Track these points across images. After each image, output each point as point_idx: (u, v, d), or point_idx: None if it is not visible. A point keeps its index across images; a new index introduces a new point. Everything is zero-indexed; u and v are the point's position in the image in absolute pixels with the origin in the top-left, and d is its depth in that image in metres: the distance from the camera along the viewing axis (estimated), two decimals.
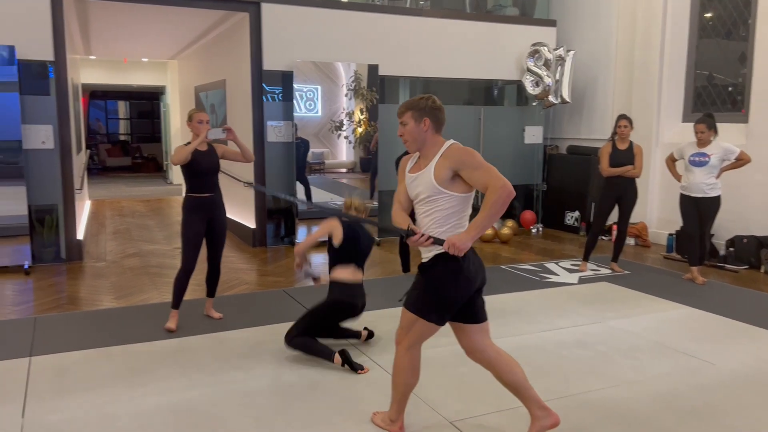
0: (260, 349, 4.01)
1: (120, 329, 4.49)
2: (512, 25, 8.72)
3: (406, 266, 6.12)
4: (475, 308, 2.77)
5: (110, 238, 8.29)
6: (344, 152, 7.77)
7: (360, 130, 7.76)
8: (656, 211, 8.09)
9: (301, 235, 7.61)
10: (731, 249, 6.75)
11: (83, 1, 7.08)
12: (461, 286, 2.64)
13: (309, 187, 7.60)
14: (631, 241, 7.87)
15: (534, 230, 8.89)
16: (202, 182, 4.41)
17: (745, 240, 6.67)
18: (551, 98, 8.57)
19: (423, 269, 2.73)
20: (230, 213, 4.96)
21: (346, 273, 3.90)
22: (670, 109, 7.98)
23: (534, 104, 8.96)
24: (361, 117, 7.73)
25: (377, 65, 7.75)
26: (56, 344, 4.16)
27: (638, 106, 8.09)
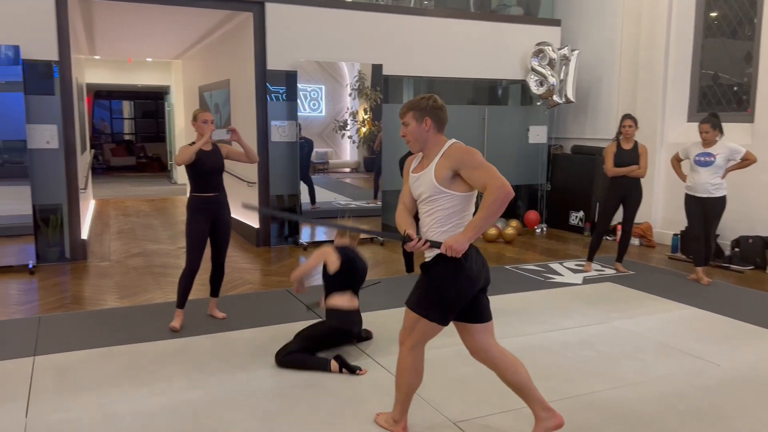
0: (264, 350, 4.01)
1: (124, 329, 4.50)
2: (516, 25, 8.71)
3: (410, 266, 6.13)
4: (480, 308, 2.76)
5: (114, 238, 8.30)
6: (348, 152, 7.77)
7: (364, 130, 7.75)
8: (661, 211, 8.07)
9: (305, 235, 7.62)
10: (736, 249, 6.72)
11: (88, 1, 7.09)
12: (463, 286, 2.63)
13: (313, 187, 7.60)
14: (636, 242, 7.85)
15: (538, 230, 8.87)
16: (207, 182, 4.41)
17: (751, 240, 6.65)
18: (555, 98, 8.55)
19: (425, 269, 2.72)
20: (234, 213, 4.95)
21: (343, 300, 3.85)
22: (675, 109, 7.95)
23: (538, 104, 8.94)
24: (365, 117, 7.73)
25: (381, 65, 7.74)
26: (60, 344, 4.17)
27: (643, 106, 8.06)
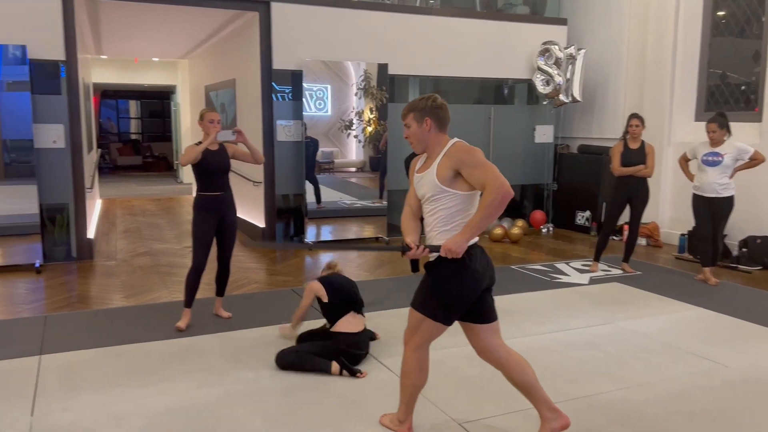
0: (269, 349, 4.00)
1: (130, 328, 4.50)
2: (523, 24, 8.68)
3: (415, 266, 6.10)
4: (485, 307, 2.75)
5: (121, 237, 8.33)
6: (354, 151, 7.76)
7: (369, 130, 7.74)
8: (668, 211, 8.02)
9: (311, 235, 7.61)
10: (744, 249, 6.68)
11: (94, 1, 7.11)
12: (466, 285, 2.62)
13: (318, 186, 7.60)
14: (643, 242, 7.81)
15: (544, 230, 8.84)
16: (213, 181, 4.42)
17: (759, 240, 6.60)
18: (562, 97, 8.51)
19: (429, 268, 2.72)
20: (240, 212, 4.96)
21: (348, 324, 3.83)
22: (683, 108, 7.91)
23: (545, 103, 8.91)
24: (371, 116, 7.72)
25: (387, 64, 7.73)
26: (66, 343, 4.18)
27: (650, 105, 8.02)
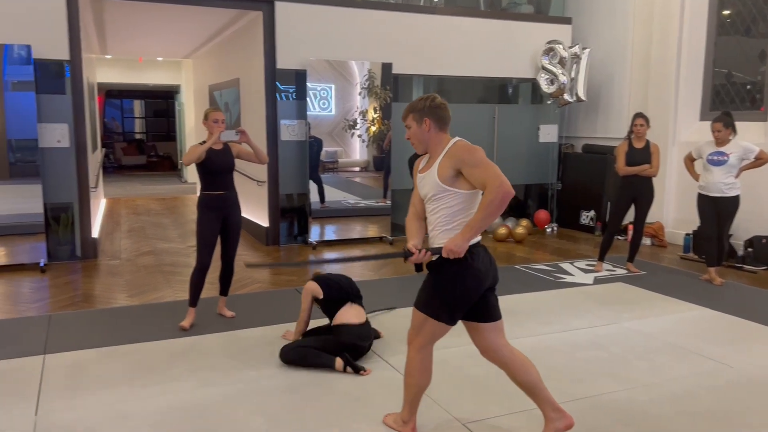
0: (273, 349, 4.00)
1: (134, 327, 4.51)
2: (527, 23, 8.66)
3: (419, 266, 6.09)
4: (488, 307, 2.74)
5: (125, 236, 8.34)
6: (358, 151, 7.76)
7: (373, 129, 7.74)
8: (673, 211, 8.00)
9: (314, 234, 7.61)
10: (750, 249, 6.65)
11: (99, 1, 7.13)
12: (469, 284, 2.62)
13: (322, 186, 7.60)
14: (648, 241, 7.79)
15: (549, 230, 8.82)
16: (217, 180, 4.43)
17: (764, 240, 6.57)
18: (566, 96, 8.49)
19: (432, 268, 2.72)
20: (244, 211, 4.96)
21: (349, 315, 3.83)
22: (688, 108, 7.88)
23: (549, 102, 8.89)
24: (375, 115, 7.71)
25: (391, 63, 7.73)
26: (70, 342, 4.19)
27: (655, 105, 7.99)
